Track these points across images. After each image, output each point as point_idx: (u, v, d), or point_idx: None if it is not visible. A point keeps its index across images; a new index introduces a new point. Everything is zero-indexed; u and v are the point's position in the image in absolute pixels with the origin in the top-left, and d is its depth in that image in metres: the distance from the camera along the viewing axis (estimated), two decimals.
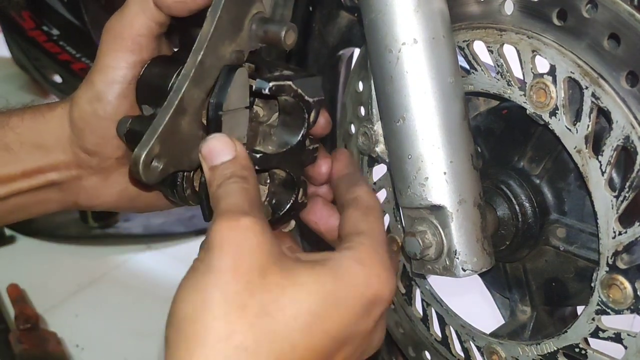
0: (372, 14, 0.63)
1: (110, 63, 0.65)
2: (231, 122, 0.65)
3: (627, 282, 0.58)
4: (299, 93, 0.66)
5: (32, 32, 1.79)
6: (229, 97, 0.63)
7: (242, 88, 0.65)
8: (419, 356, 0.86)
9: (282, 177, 0.71)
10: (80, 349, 1.43)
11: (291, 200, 0.70)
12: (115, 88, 0.65)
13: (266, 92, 0.64)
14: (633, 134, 0.57)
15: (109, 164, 0.69)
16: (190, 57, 0.61)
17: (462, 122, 0.64)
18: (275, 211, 0.70)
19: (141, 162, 0.58)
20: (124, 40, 0.65)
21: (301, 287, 0.52)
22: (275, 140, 0.69)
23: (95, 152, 0.68)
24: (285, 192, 0.71)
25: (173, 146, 0.61)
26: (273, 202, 0.71)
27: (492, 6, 0.67)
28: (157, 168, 0.60)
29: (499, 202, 0.72)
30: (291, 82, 0.65)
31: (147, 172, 0.59)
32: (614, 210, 0.58)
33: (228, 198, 0.56)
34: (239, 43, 0.64)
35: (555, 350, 0.66)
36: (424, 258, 0.65)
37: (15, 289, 1.53)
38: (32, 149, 0.68)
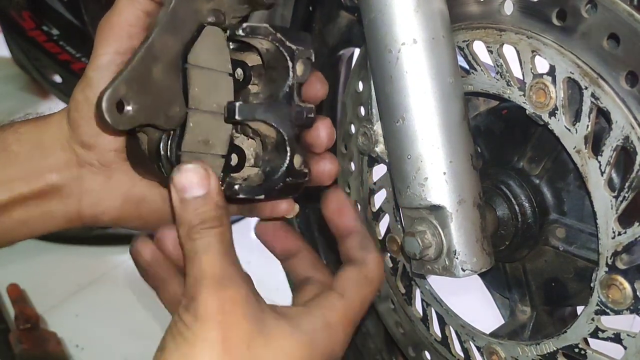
0: (371, 14, 0.63)
1: (99, 51, 0.66)
2: (205, 82, 0.64)
3: (626, 283, 0.58)
4: (279, 37, 0.64)
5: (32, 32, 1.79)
6: (197, 51, 0.63)
7: (217, 49, 0.64)
8: (418, 356, 0.86)
9: (274, 140, 0.67)
10: (80, 349, 1.43)
11: (285, 164, 0.66)
12: (104, 73, 0.65)
13: (239, 32, 0.63)
14: (632, 134, 0.57)
15: (108, 159, 0.67)
16: (163, 6, 0.61)
17: (461, 122, 0.64)
18: (268, 177, 0.66)
19: (104, 101, 0.56)
20: (113, 29, 0.66)
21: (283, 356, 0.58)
22: (261, 96, 0.67)
23: (93, 145, 0.66)
24: (278, 157, 0.66)
25: (145, 94, 0.59)
26: (267, 170, 0.67)
27: (492, 6, 0.67)
28: (127, 113, 0.58)
29: (499, 202, 0.72)
30: (267, 25, 0.64)
31: (112, 114, 0.57)
32: (614, 210, 0.58)
33: (209, 255, 0.58)
34: (218, 3, 0.63)
35: (555, 350, 0.66)
36: (423, 258, 0.65)
37: (15, 289, 1.53)
38: (32, 150, 0.67)
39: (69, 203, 0.68)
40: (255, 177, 0.67)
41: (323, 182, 0.73)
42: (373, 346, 1.07)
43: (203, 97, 0.64)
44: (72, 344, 1.43)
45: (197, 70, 0.63)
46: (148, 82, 0.60)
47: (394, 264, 0.85)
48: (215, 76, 0.65)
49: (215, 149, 0.66)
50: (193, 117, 0.63)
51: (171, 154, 0.63)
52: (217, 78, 0.65)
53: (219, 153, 0.66)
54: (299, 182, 0.68)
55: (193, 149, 0.64)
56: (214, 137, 0.66)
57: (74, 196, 0.68)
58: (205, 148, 0.65)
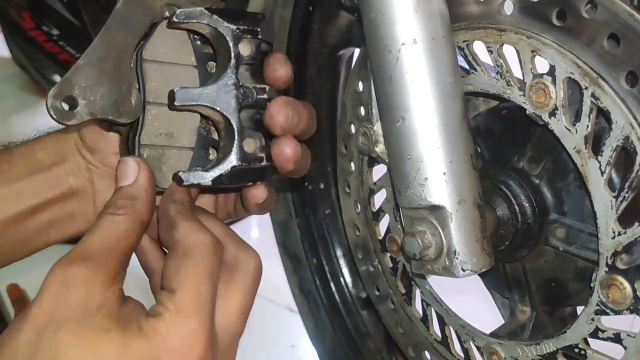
0: (371, 14, 0.63)
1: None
2: (164, 76, 0.64)
3: (626, 283, 0.58)
4: (215, 18, 0.63)
5: (32, 32, 1.80)
6: (153, 46, 0.63)
7: (175, 43, 0.65)
8: (418, 356, 0.86)
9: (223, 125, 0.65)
10: None
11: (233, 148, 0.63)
12: None
13: (175, 20, 0.63)
14: (632, 134, 0.57)
15: (111, 162, 0.70)
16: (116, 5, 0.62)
17: (461, 122, 0.64)
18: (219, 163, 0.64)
19: (48, 98, 0.58)
20: None
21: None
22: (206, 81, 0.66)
23: (96, 149, 0.70)
24: (229, 142, 0.64)
25: (96, 89, 0.60)
26: (220, 156, 0.65)
27: (492, 6, 0.67)
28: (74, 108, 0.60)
29: (499, 202, 0.72)
30: (203, 8, 0.63)
31: (56, 110, 0.59)
32: (614, 210, 0.58)
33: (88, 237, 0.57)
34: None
35: (555, 350, 0.66)
36: (423, 258, 0.65)
37: (15, 289, 1.53)
38: (54, 156, 0.71)
39: (86, 204, 0.72)
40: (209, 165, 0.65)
41: (283, 166, 0.68)
42: (373, 346, 1.07)
43: (161, 91, 0.64)
44: None
45: (154, 64, 0.64)
46: (98, 78, 0.61)
47: (394, 264, 0.85)
48: (176, 70, 0.65)
49: (180, 141, 0.67)
50: (151, 111, 0.65)
51: (132, 148, 0.64)
52: (178, 71, 0.65)
53: (185, 145, 0.67)
54: (255, 167, 0.65)
55: (153, 142, 0.65)
56: (178, 129, 0.66)
57: (89, 197, 0.72)
58: (169, 140, 0.66)
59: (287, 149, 0.67)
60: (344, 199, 0.92)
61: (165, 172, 0.66)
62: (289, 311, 1.55)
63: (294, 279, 1.18)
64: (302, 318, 1.20)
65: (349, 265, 1.11)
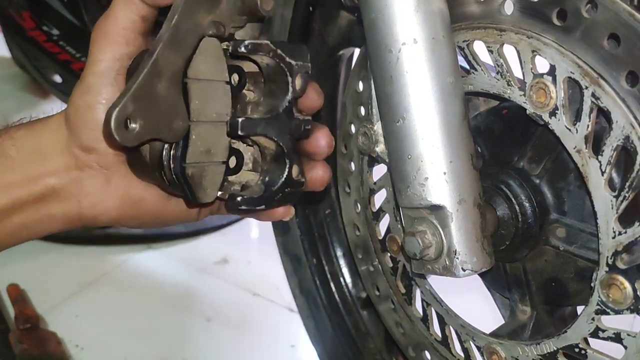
0: (372, 14, 0.63)
1: (97, 57, 0.67)
2: (205, 94, 0.65)
3: (626, 282, 0.58)
4: (279, 53, 0.66)
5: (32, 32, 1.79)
6: (195, 64, 0.63)
7: (214, 59, 0.65)
8: (419, 356, 0.86)
9: (273, 151, 0.69)
10: (80, 349, 1.42)
11: (284, 175, 0.69)
12: (103, 79, 0.66)
13: (242, 50, 0.64)
14: (633, 134, 0.57)
15: (108, 162, 0.68)
16: (165, 22, 0.62)
17: (462, 122, 0.64)
18: (267, 188, 0.69)
19: (113, 119, 0.58)
20: (109, 34, 0.67)
21: None
22: (261, 110, 0.68)
23: (93, 148, 0.67)
24: (277, 168, 0.69)
25: (150, 110, 0.61)
26: (266, 180, 0.70)
27: (492, 6, 0.67)
28: (133, 130, 0.59)
29: (499, 202, 0.72)
30: (269, 41, 0.65)
31: (120, 131, 0.58)
32: (614, 210, 0.58)
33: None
34: (218, 15, 0.64)
35: (555, 350, 0.66)
36: (423, 258, 0.65)
37: (15, 289, 1.53)
38: (30, 154, 0.68)
39: (69, 205, 0.69)
40: (255, 187, 0.69)
41: (316, 188, 0.76)
42: (373, 346, 1.07)
43: (203, 109, 0.65)
44: (72, 344, 1.42)
45: (196, 83, 0.64)
46: (153, 98, 0.61)
47: (394, 264, 0.85)
48: (214, 86, 0.66)
49: (217, 157, 0.68)
50: (195, 130, 0.65)
51: (175, 166, 0.64)
52: (215, 88, 0.66)
53: (219, 160, 0.68)
54: (297, 190, 0.71)
55: (196, 159, 0.65)
56: (215, 145, 0.67)
57: (73, 198, 0.69)
58: (207, 157, 0.67)
59: (323, 173, 0.75)
60: (344, 199, 0.92)
61: (205, 186, 0.67)
62: (289, 311, 1.55)
63: (294, 279, 1.18)
64: (302, 318, 1.20)
65: (349, 265, 1.11)
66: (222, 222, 1.87)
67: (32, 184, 0.67)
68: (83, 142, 0.67)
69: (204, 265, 1.73)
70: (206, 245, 1.84)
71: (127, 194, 0.70)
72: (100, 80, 0.66)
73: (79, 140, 0.67)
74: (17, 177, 0.67)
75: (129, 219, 0.72)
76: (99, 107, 0.66)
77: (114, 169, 0.69)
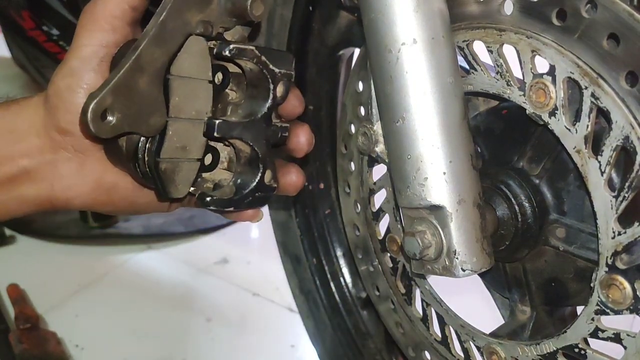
0: (371, 14, 0.63)
1: (83, 42, 0.67)
2: (186, 91, 0.65)
3: (626, 282, 0.58)
4: (263, 60, 0.66)
5: (32, 32, 1.79)
6: (179, 61, 0.64)
7: (199, 58, 0.65)
8: (418, 356, 0.86)
9: (248, 155, 0.70)
10: (80, 349, 1.43)
11: (256, 179, 0.69)
12: (87, 64, 0.66)
13: (226, 53, 0.65)
14: (632, 134, 0.57)
15: (84, 146, 0.67)
16: (153, 17, 0.62)
17: (461, 122, 0.64)
18: (238, 190, 0.69)
19: (90, 110, 0.58)
20: (97, 21, 0.66)
21: None
22: (240, 113, 0.69)
23: (70, 131, 0.67)
24: (250, 172, 0.70)
25: (129, 104, 0.61)
26: (238, 182, 0.70)
27: (492, 6, 0.67)
28: (109, 122, 0.60)
29: (499, 202, 0.72)
30: (254, 47, 0.66)
31: (96, 123, 0.59)
32: (614, 210, 0.58)
33: None
34: (208, 14, 0.65)
35: (555, 350, 0.66)
36: (423, 258, 0.65)
37: (15, 289, 1.53)
38: (3, 134, 0.67)
39: (41, 187, 0.69)
40: (227, 188, 0.70)
41: (289, 193, 0.76)
42: (373, 346, 1.07)
43: (182, 106, 0.65)
44: (72, 344, 1.43)
45: (178, 80, 0.64)
46: (132, 92, 0.61)
47: (394, 264, 0.85)
48: (195, 84, 0.66)
49: (192, 154, 0.68)
50: (172, 126, 0.65)
51: (149, 159, 0.65)
52: (197, 86, 0.66)
53: (194, 157, 0.68)
54: (267, 195, 0.71)
55: (171, 155, 0.66)
56: (191, 142, 0.67)
57: (46, 181, 0.68)
58: (182, 153, 0.67)
59: (296, 178, 0.75)
60: (344, 199, 0.92)
61: (177, 182, 0.67)
62: (289, 311, 1.55)
63: (294, 279, 1.18)
64: (302, 318, 1.20)
65: (349, 265, 1.11)
66: (222, 222, 1.88)
67: (4, 164, 0.67)
68: (60, 124, 0.67)
69: (204, 265, 1.73)
70: (206, 245, 1.84)
71: (101, 179, 0.70)
72: (84, 65, 0.66)
73: (56, 122, 0.67)
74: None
75: (102, 204, 0.72)
76: (79, 91, 0.65)
77: (89, 153, 0.68)
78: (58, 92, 0.66)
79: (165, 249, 1.81)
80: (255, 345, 1.44)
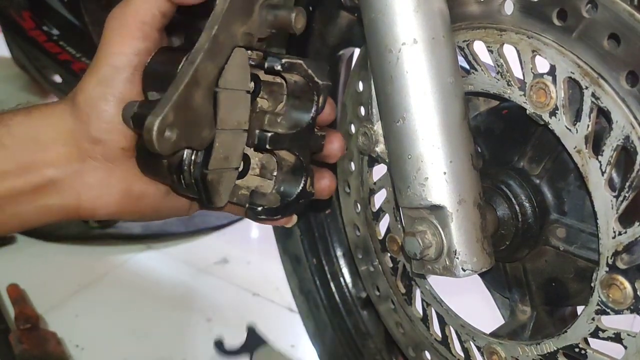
0: (372, 14, 0.63)
1: (115, 49, 0.65)
2: (230, 102, 0.65)
3: (627, 282, 0.58)
4: (309, 73, 0.68)
5: (32, 32, 1.79)
6: (226, 74, 0.64)
7: (241, 69, 0.66)
8: (419, 356, 0.86)
9: (291, 164, 0.71)
10: (80, 349, 1.42)
11: (300, 187, 0.71)
12: (121, 73, 0.65)
13: (278, 67, 0.66)
14: (633, 134, 0.57)
15: (114, 155, 0.67)
16: (204, 32, 0.62)
17: (462, 122, 0.64)
18: (283, 198, 0.71)
19: (155, 129, 0.58)
20: (129, 27, 0.65)
21: None
22: (284, 124, 0.70)
23: (101, 140, 0.66)
24: (293, 179, 0.71)
25: (186, 119, 0.61)
26: (281, 190, 0.71)
27: (492, 6, 0.67)
28: (170, 139, 0.59)
29: (499, 202, 0.72)
30: (302, 61, 0.67)
31: (160, 141, 0.58)
32: (614, 210, 0.58)
33: None
34: (250, 26, 0.65)
35: (555, 350, 0.66)
36: (424, 258, 0.65)
37: (15, 289, 1.53)
38: (26, 143, 0.66)
39: (67, 197, 0.67)
40: (271, 197, 0.71)
41: (323, 196, 0.77)
42: (373, 346, 1.07)
43: (227, 117, 0.66)
44: (72, 344, 1.42)
45: (225, 92, 0.65)
46: (189, 107, 0.61)
47: (394, 264, 0.85)
48: (237, 95, 0.67)
49: (232, 163, 0.68)
50: (219, 138, 0.65)
51: (196, 171, 0.65)
52: (238, 96, 0.67)
53: (234, 166, 0.69)
54: (307, 201, 0.72)
55: (216, 166, 0.66)
56: (232, 152, 0.68)
57: (73, 190, 0.67)
58: (225, 163, 0.67)
59: (331, 183, 0.76)
60: (344, 199, 0.92)
61: (220, 192, 0.68)
62: (289, 311, 1.55)
63: (294, 279, 1.18)
64: (302, 318, 1.20)
65: (349, 265, 1.11)
66: (222, 222, 1.88)
67: (28, 174, 0.66)
68: (91, 133, 0.66)
69: (204, 265, 1.73)
70: (206, 245, 1.84)
71: (129, 188, 0.69)
72: (118, 74, 0.65)
73: (87, 131, 0.66)
74: (11, 166, 0.65)
75: (128, 213, 0.71)
76: (113, 100, 0.65)
77: (118, 162, 0.68)
78: (90, 101, 0.65)
79: (165, 249, 1.81)
80: None
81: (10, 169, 0.65)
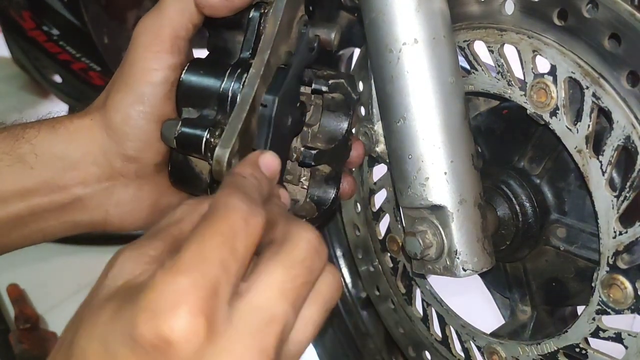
0: (372, 14, 0.63)
1: (151, 65, 0.63)
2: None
3: (627, 282, 0.58)
4: (349, 91, 0.69)
5: (32, 32, 1.79)
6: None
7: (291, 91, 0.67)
8: (419, 356, 0.86)
9: (324, 174, 0.72)
10: None
11: (333, 195, 0.72)
12: (159, 90, 0.63)
13: (325, 89, 0.67)
14: (634, 133, 0.57)
15: (146, 172, 0.66)
16: (257, 56, 0.62)
17: (462, 122, 0.64)
18: (319, 207, 0.72)
19: (225, 161, 0.58)
20: (164, 42, 0.63)
21: None
22: (321, 137, 0.71)
23: (136, 158, 0.65)
24: (326, 188, 0.72)
25: (245, 144, 0.61)
26: (315, 199, 0.72)
27: (493, 6, 0.67)
28: (234, 165, 0.59)
29: (500, 202, 0.72)
30: (344, 80, 0.68)
31: (228, 170, 0.58)
32: (615, 210, 0.58)
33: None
34: (289, 44, 0.65)
35: (556, 350, 0.66)
36: (424, 258, 0.65)
37: (15, 289, 1.53)
38: (53, 161, 0.64)
39: (95, 214, 0.67)
40: (307, 205, 0.72)
41: (344, 200, 0.78)
42: (373, 346, 1.07)
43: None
44: None
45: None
46: (247, 133, 0.61)
47: (394, 264, 0.85)
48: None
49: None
50: None
51: None
52: None
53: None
54: (335, 207, 0.74)
55: None
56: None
57: (101, 208, 0.67)
58: None
59: (351, 187, 0.76)
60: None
61: None
62: None
63: None
64: None
65: (349, 265, 1.11)
66: None
67: (55, 193, 0.65)
68: (127, 152, 0.65)
69: None
70: None
71: (157, 202, 0.69)
72: (156, 91, 0.63)
73: (123, 149, 0.65)
74: (37, 185, 0.64)
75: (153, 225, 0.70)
76: (152, 119, 0.64)
77: (149, 178, 0.67)
78: (129, 121, 0.64)
79: None
80: None
81: (36, 188, 0.64)
